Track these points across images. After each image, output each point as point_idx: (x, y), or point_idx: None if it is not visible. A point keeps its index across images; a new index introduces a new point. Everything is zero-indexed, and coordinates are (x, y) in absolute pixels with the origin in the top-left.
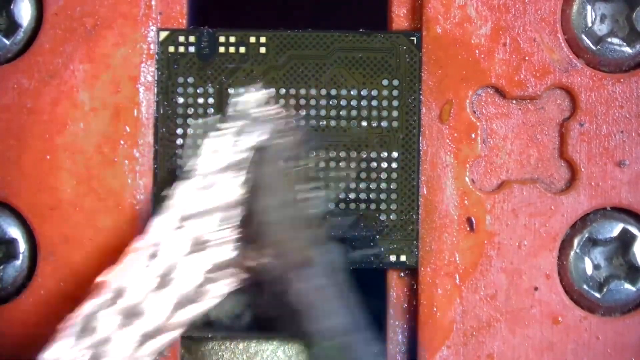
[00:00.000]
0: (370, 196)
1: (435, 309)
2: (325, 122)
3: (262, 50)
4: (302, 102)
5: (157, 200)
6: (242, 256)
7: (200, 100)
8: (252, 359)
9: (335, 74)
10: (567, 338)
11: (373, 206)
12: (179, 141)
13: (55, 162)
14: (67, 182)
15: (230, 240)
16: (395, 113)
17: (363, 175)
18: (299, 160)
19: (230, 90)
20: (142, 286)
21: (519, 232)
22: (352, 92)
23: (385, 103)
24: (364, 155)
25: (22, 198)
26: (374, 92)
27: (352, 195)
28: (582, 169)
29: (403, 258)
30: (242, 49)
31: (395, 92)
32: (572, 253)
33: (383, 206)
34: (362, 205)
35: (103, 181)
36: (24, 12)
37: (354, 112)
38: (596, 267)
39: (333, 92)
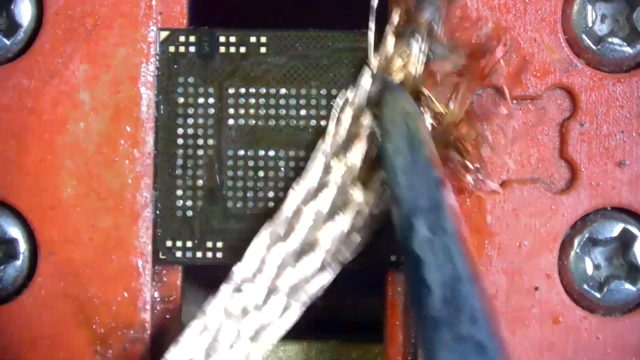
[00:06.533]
0: None
1: None
2: (325, 122)
3: (262, 50)
4: (303, 102)
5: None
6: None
7: (200, 100)
8: None
9: (336, 74)
10: (567, 338)
11: None
12: (179, 141)
13: (56, 162)
14: (67, 182)
15: None
16: None
17: None
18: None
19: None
20: None
21: (520, 232)
22: None
23: None
24: None
25: (22, 198)
26: None
27: None
28: (583, 169)
29: (403, 258)
30: (242, 49)
31: None
32: (572, 253)
33: None
34: None
35: (103, 181)
36: (24, 12)
37: None
38: (596, 267)
39: (334, 92)
